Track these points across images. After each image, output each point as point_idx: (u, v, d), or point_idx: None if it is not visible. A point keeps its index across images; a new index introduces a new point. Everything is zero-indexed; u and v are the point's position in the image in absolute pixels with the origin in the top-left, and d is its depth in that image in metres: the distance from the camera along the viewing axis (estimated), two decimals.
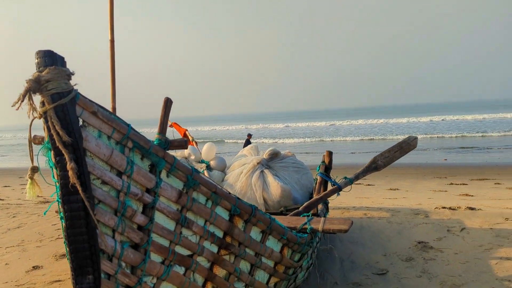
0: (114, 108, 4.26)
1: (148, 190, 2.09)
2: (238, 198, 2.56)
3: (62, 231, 1.84)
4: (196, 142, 5.87)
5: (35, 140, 2.44)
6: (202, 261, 2.42)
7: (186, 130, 6.32)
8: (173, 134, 6.65)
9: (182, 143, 2.18)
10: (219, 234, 2.50)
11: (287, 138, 34.20)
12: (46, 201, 7.76)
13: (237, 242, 2.60)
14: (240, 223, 2.62)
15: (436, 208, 5.74)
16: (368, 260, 4.30)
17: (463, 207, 5.65)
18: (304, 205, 3.92)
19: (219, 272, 2.54)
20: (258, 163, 4.81)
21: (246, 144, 15.61)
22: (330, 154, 4.50)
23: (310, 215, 3.84)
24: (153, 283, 2.19)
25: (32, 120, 1.70)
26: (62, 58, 1.71)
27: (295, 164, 5.01)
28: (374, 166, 4.50)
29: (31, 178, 1.90)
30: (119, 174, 1.97)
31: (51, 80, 1.67)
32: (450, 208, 5.65)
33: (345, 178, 4.23)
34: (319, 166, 4.46)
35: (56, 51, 1.69)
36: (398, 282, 3.80)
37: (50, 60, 1.69)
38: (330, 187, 4.30)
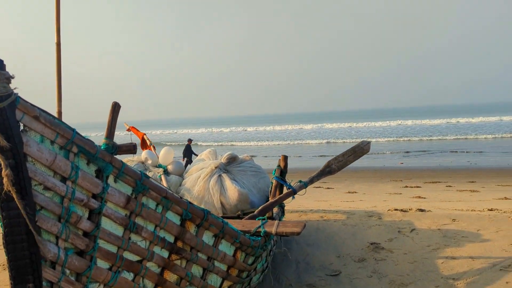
0: (59, 112, 4.17)
1: (94, 196, 2.06)
2: (190, 203, 2.57)
3: (2, 239, 1.80)
4: (154, 147, 5.80)
5: None
6: (152, 266, 2.41)
7: (144, 134, 6.23)
8: (131, 138, 6.54)
9: (131, 148, 2.17)
10: (170, 239, 2.49)
11: (258, 141, 34.32)
12: None
13: (188, 246, 2.61)
14: (192, 228, 2.62)
15: (389, 210, 5.96)
16: (322, 261, 4.40)
17: (414, 209, 5.89)
18: (259, 208, 3.97)
19: (170, 277, 2.54)
20: (216, 168, 4.82)
21: (187, 149, 14.84)
22: (285, 158, 4.58)
23: (265, 219, 3.89)
24: None
25: None
26: (1, 61, 1.68)
27: (253, 168, 5.06)
28: (328, 170, 4.63)
29: None
30: (64, 179, 1.94)
31: None
32: (402, 210, 5.87)
33: (300, 181, 4.32)
34: (275, 170, 4.53)
35: None
36: (350, 282, 3.92)
37: None
38: (286, 191, 4.38)
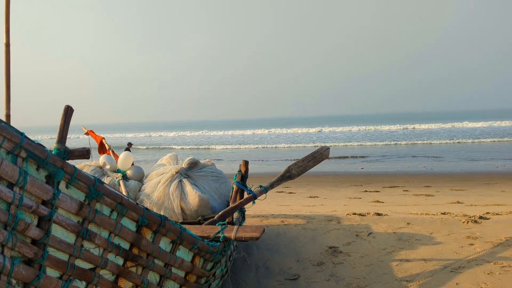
0: (8, 115, 4.01)
1: (44, 202, 2.00)
2: (146, 209, 2.53)
3: None
4: (113, 151, 5.68)
5: None
6: (105, 274, 2.36)
7: (103, 138, 6.09)
8: (89, 142, 6.37)
9: (84, 153, 2.11)
10: (125, 245, 2.45)
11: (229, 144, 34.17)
12: None
13: (145, 253, 2.57)
14: (148, 234, 2.59)
15: (348, 214, 6.09)
16: (282, 266, 4.45)
17: (372, 213, 6.06)
18: (219, 214, 3.97)
19: (125, 284, 2.49)
20: (176, 173, 4.78)
21: None
22: (246, 163, 4.60)
23: (225, 224, 3.89)
24: None
25: None
26: None
27: (214, 173, 5.05)
28: (288, 175, 4.69)
29: None
30: (11, 185, 1.86)
31: None
32: (360, 214, 6.02)
33: (260, 186, 4.35)
34: (236, 175, 4.54)
35: None
36: (308, 286, 3.98)
37: None
38: (246, 196, 4.40)
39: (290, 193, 11.28)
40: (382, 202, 8.75)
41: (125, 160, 5.06)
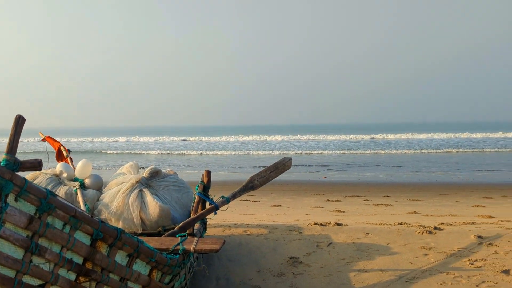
0: None
1: None
2: (102, 221, 2.47)
3: None
4: (71, 158, 5.50)
5: None
6: None
7: (61, 144, 5.88)
8: (46, 148, 6.15)
9: (35, 164, 2.04)
10: (78, 260, 2.37)
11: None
12: None
13: (99, 267, 2.50)
14: (103, 248, 2.52)
15: (309, 224, 6.17)
16: (242, 277, 4.43)
17: (333, 223, 6.16)
18: (179, 225, 3.92)
19: None
20: (137, 182, 4.68)
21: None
22: (208, 173, 4.57)
23: (185, 235, 3.85)
24: None
25: None
26: None
27: (176, 182, 4.99)
28: (250, 186, 4.70)
29: None
30: None
31: None
32: (321, 224, 6.11)
33: (222, 197, 4.34)
34: (198, 185, 4.51)
35: None
36: None
37: None
38: (208, 207, 4.37)
39: (254, 201, 11.29)
40: (343, 212, 8.92)
41: (83, 168, 4.91)
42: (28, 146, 37.92)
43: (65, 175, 4.83)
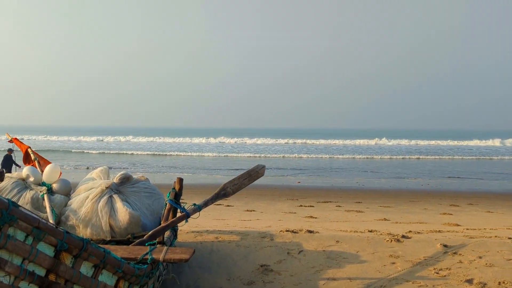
0: None
1: None
2: (67, 232, 2.41)
3: None
4: (39, 162, 5.35)
5: None
6: None
7: (29, 147, 5.72)
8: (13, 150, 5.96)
9: None
10: (41, 272, 2.30)
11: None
12: None
13: (63, 279, 2.43)
14: (68, 259, 2.46)
15: (281, 231, 6.19)
16: (212, 285, 4.41)
17: (304, 230, 6.21)
18: (149, 233, 3.87)
19: None
20: (107, 188, 4.60)
21: (6, 160, 13.02)
22: (180, 181, 4.54)
23: (155, 243, 3.80)
24: None
25: None
26: None
27: (148, 189, 4.92)
28: (223, 193, 4.69)
29: None
30: None
31: None
32: (293, 231, 6.14)
33: (194, 205, 4.31)
34: (169, 193, 4.47)
35: None
36: None
37: None
38: (179, 214, 4.34)
39: (228, 206, 11.26)
40: (316, 218, 9.01)
41: (51, 172, 4.78)
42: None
43: (32, 179, 4.70)
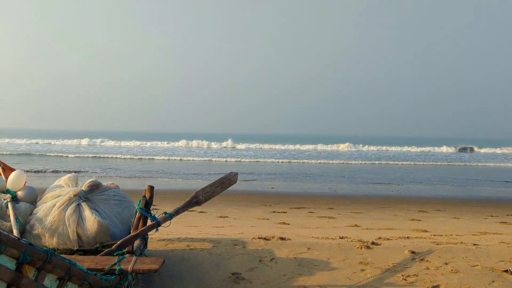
0: None
1: None
2: (30, 244, 2.33)
3: None
4: (3, 168, 5.16)
5: None
6: None
7: None
8: None
9: None
10: (1, 286, 2.22)
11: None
12: None
13: None
14: (31, 272, 2.38)
15: (253, 238, 6.19)
16: None
17: (276, 237, 6.23)
18: (118, 243, 3.80)
19: None
20: (75, 195, 4.49)
21: None
22: (151, 189, 4.48)
23: (123, 253, 3.74)
24: None
25: None
26: None
27: (117, 196, 4.83)
28: (195, 201, 4.67)
29: None
30: None
31: None
32: (265, 238, 6.16)
33: (165, 213, 4.27)
34: (140, 201, 4.40)
35: None
36: None
37: None
38: (150, 223, 4.28)
39: (201, 212, 11.17)
40: (288, 224, 9.05)
41: (16, 179, 4.63)
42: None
43: None
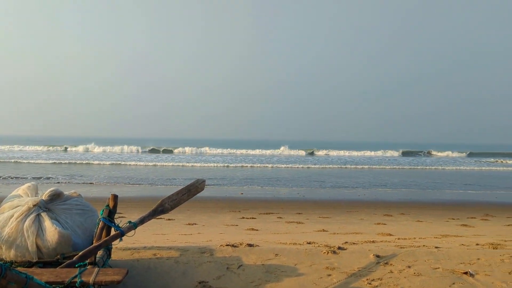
0: None
1: None
2: None
3: None
4: None
5: None
6: None
7: None
8: None
9: None
10: None
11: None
12: None
13: None
14: None
15: (221, 245, 6.16)
16: None
17: (244, 244, 6.22)
18: (79, 254, 3.69)
19: None
20: (34, 206, 4.33)
21: None
22: (115, 197, 4.38)
23: (86, 264, 3.64)
24: None
25: None
26: None
27: (80, 206, 4.70)
28: (161, 209, 4.60)
29: None
30: None
31: None
32: (233, 245, 6.13)
33: (129, 222, 4.18)
34: (103, 210, 4.29)
35: None
36: None
37: None
38: (113, 232, 4.18)
39: (169, 219, 11.03)
40: (257, 230, 9.07)
41: None
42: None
43: None
